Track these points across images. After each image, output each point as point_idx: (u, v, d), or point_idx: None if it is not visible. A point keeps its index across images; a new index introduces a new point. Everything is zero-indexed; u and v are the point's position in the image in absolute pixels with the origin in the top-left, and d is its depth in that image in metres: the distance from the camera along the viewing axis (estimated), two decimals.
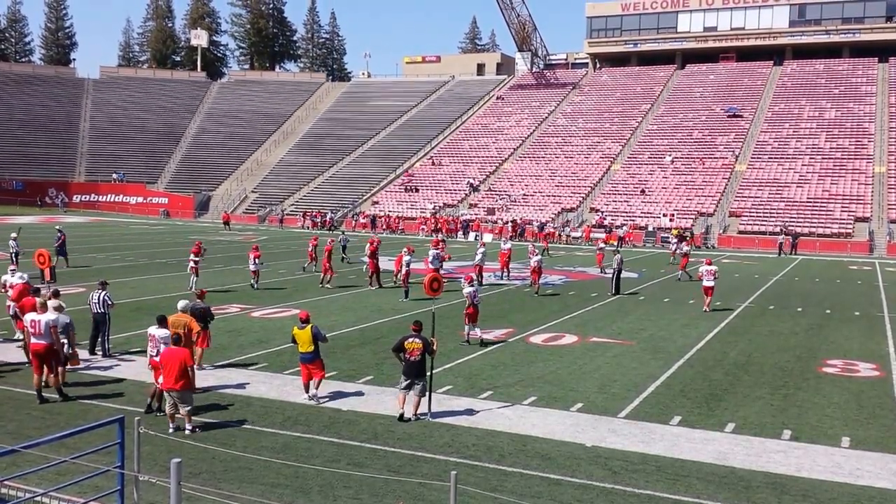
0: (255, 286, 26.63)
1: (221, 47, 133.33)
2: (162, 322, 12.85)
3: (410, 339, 12.43)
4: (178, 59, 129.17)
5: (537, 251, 29.05)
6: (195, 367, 14.83)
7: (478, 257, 29.78)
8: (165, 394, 11.71)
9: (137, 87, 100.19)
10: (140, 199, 79.63)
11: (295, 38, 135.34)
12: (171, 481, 7.10)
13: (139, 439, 8.17)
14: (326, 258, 28.05)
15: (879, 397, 14.48)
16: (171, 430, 11.46)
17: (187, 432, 11.44)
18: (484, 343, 18.28)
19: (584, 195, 65.08)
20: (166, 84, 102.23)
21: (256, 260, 26.83)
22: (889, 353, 18.60)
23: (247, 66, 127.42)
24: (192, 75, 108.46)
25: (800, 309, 25.48)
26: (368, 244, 29.10)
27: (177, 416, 11.66)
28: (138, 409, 12.32)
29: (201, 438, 11.24)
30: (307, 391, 13.28)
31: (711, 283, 24.27)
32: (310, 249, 32.16)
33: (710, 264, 25.11)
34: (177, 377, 11.42)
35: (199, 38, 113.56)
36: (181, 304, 14.66)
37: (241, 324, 20.37)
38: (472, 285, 19.35)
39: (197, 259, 26.24)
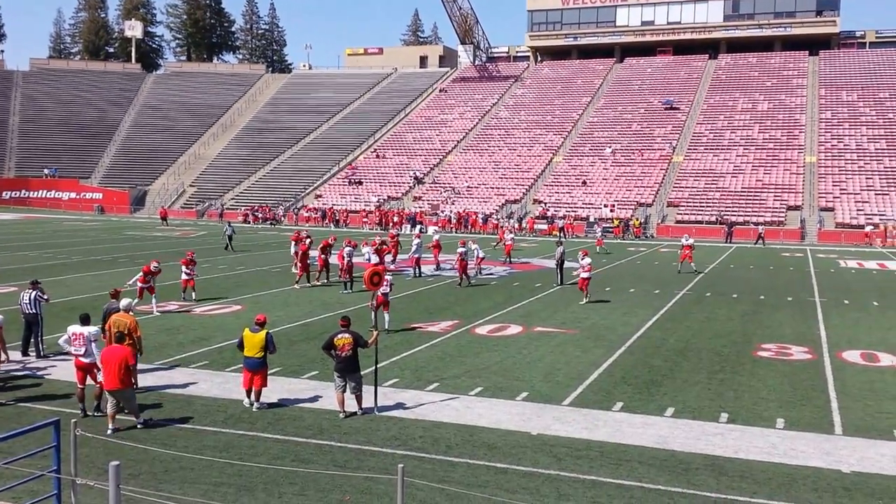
0: (186, 298, 23.22)
1: (157, 38, 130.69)
2: (85, 321, 12.47)
3: (340, 336, 12.32)
4: (111, 50, 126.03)
5: (468, 242, 29.03)
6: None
7: (413, 249, 29.90)
8: (106, 393, 11.45)
9: (69, 79, 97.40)
10: (73, 195, 77.51)
11: (233, 30, 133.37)
12: (109, 484, 6.93)
13: (76, 442, 7.95)
14: (301, 258, 27.06)
15: (812, 379, 14.94)
16: (109, 431, 11.20)
17: (139, 427, 11.43)
18: (390, 331, 18.48)
19: (527, 187, 65.61)
20: (99, 76, 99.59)
21: (184, 268, 23.41)
22: (821, 337, 19.21)
23: (183, 58, 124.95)
24: (127, 67, 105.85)
25: (735, 296, 26.12)
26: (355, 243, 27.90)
27: (118, 416, 11.45)
28: (75, 410, 12.00)
29: (141, 439, 11.01)
30: (249, 396, 12.70)
31: (588, 276, 23.96)
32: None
33: (586, 255, 24.65)
34: (118, 376, 11.15)
35: (134, 29, 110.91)
36: (123, 302, 14.30)
37: (180, 321, 20.00)
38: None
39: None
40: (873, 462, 10.53)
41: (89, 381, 12.30)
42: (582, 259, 24.40)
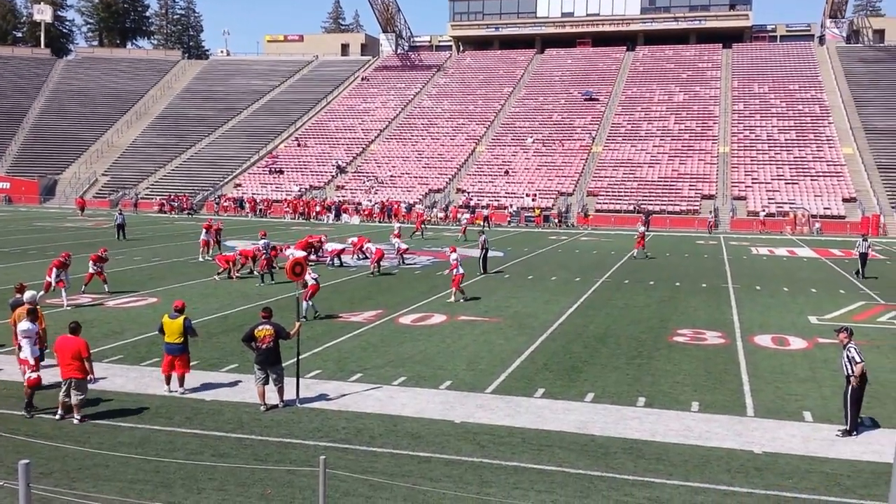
0: (86, 291, 22.43)
1: (67, 23, 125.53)
2: (31, 315, 12.24)
3: (261, 327, 12.17)
4: (19, 35, 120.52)
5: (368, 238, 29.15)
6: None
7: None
8: (62, 382, 11.41)
9: None
10: None
11: (147, 14, 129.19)
12: (19, 483, 6.66)
13: None
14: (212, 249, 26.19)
15: (725, 363, 15.45)
16: (57, 417, 11.33)
17: (75, 422, 11.24)
18: (315, 317, 18.90)
19: (450, 176, 65.78)
20: (7, 62, 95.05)
21: (93, 264, 22.70)
22: (733, 322, 19.88)
23: (95, 43, 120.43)
24: (36, 52, 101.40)
25: (652, 283, 26.79)
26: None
27: (66, 402, 11.38)
28: None
29: (53, 437, 10.61)
30: (168, 383, 12.77)
31: (462, 272, 22.65)
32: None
33: (454, 251, 23.67)
34: (74, 366, 11.26)
35: (43, 13, 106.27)
36: (27, 295, 13.86)
37: (93, 315, 19.34)
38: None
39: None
40: (783, 442, 10.96)
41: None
42: (450, 255, 23.45)
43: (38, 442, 10.31)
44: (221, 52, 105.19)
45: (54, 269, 20.66)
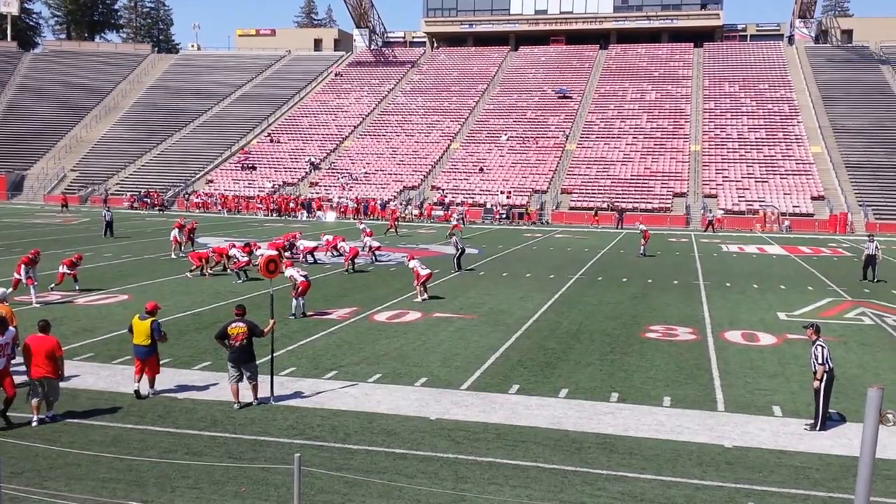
0: (53, 289, 22.11)
1: (34, 16, 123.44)
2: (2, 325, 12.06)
3: (234, 325, 12.09)
4: None
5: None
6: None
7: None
8: (34, 382, 11.14)
9: None
10: None
11: (116, 7, 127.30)
12: None
13: None
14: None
15: (696, 359, 15.63)
16: (35, 423, 10.99)
17: (46, 419, 11.11)
18: (306, 315, 19.02)
19: (425, 173, 65.75)
20: None
21: (65, 268, 22.23)
22: (704, 318, 20.11)
23: (63, 36, 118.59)
24: (2, 46, 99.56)
25: (625, 279, 27.01)
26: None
27: (38, 404, 11.13)
28: None
29: (24, 436, 10.48)
30: (138, 383, 12.55)
31: (428, 271, 22.28)
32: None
33: (411, 259, 23.08)
34: (47, 366, 11.03)
35: (9, 6, 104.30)
36: None
37: (62, 312, 19.11)
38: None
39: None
40: (753, 437, 11.12)
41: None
42: (408, 263, 22.96)
43: (8, 441, 10.18)
44: (192, 46, 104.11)
45: (23, 266, 20.37)
